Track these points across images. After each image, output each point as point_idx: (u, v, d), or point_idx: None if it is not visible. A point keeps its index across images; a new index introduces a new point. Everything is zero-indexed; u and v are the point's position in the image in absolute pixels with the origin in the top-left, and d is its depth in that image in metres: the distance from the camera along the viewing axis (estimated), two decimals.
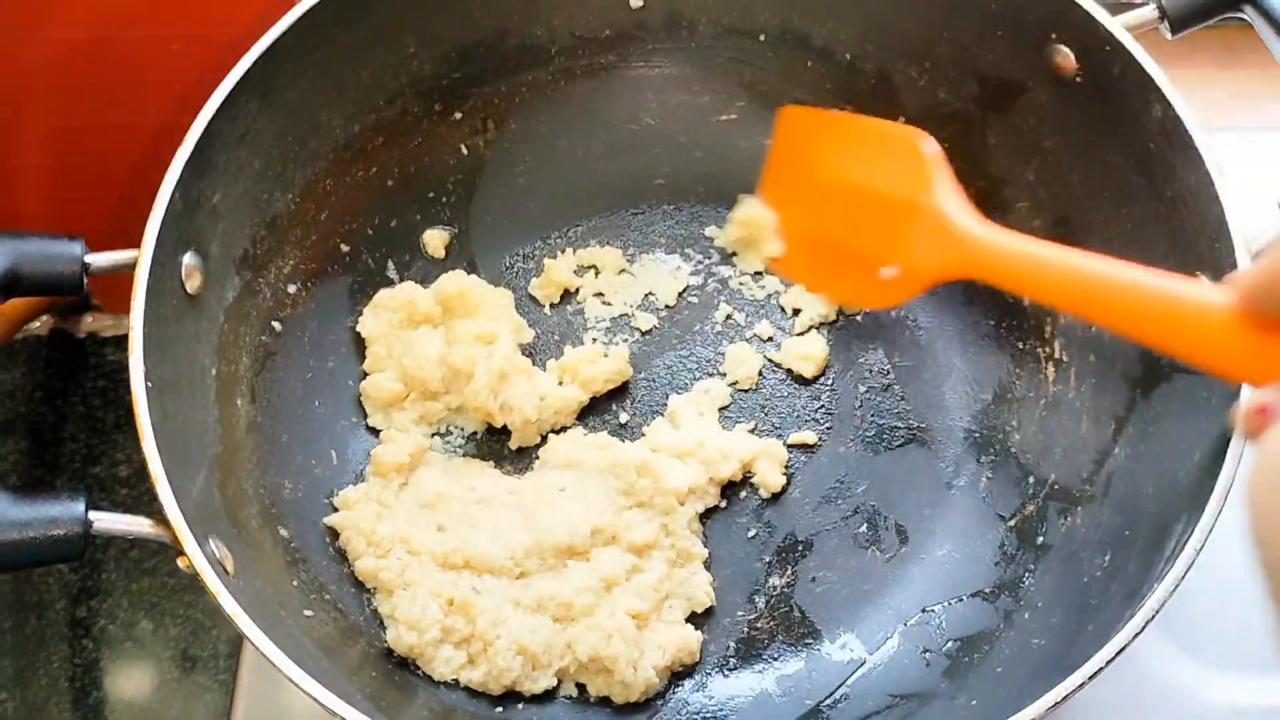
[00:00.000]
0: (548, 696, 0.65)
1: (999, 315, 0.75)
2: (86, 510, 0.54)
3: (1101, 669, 0.51)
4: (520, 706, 0.65)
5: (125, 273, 0.61)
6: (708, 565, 0.69)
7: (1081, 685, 0.50)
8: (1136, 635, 0.51)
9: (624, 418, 0.75)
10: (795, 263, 0.73)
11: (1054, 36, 0.67)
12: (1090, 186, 0.69)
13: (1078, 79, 0.67)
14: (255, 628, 0.52)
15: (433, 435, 0.73)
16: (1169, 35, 0.66)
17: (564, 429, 0.73)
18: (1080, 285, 0.50)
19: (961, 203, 0.62)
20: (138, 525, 0.54)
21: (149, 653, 1.00)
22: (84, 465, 1.06)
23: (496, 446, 0.73)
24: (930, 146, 0.64)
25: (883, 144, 0.68)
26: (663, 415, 0.74)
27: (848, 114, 0.74)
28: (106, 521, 0.54)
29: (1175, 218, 0.63)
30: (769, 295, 0.78)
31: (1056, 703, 0.50)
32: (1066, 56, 0.67)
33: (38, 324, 1.10)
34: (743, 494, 0.72)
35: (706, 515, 0.71)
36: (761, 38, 0.78)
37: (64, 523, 0.53)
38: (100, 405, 1.08)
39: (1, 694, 0.98)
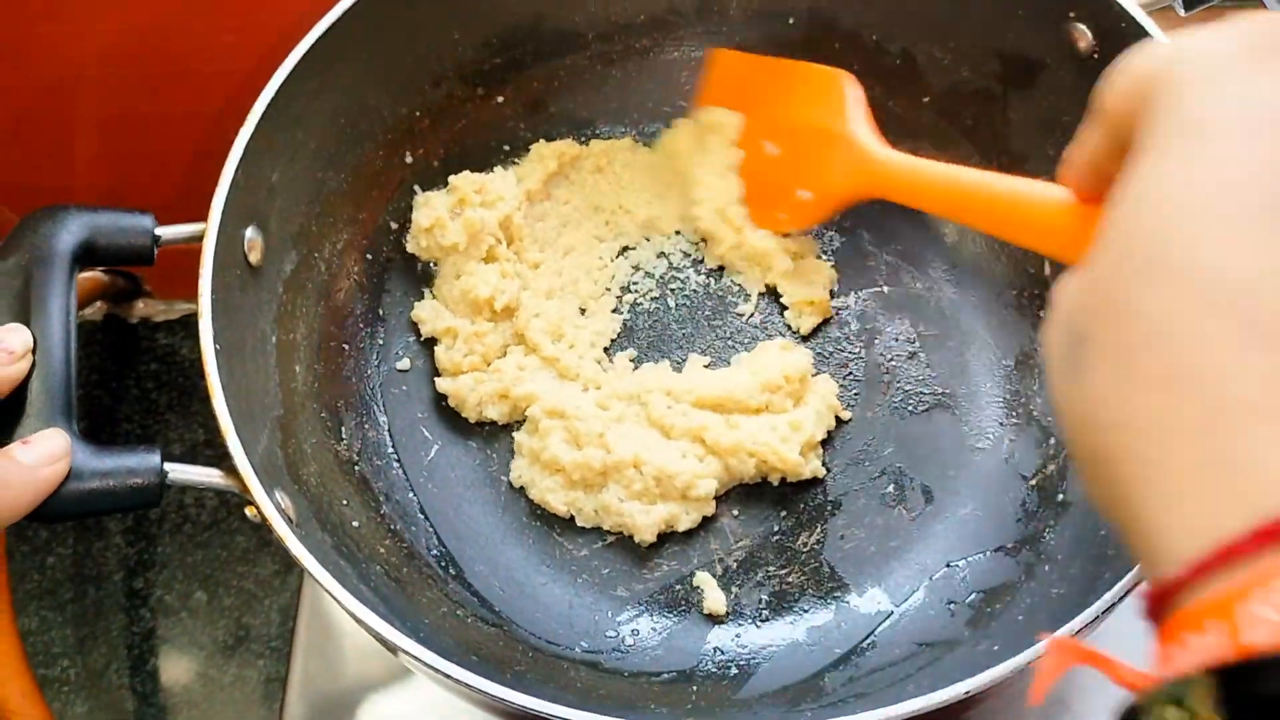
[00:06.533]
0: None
1: (1021, 285, 0.77)
2: (162, 462, 0.57)
3: (1116, 604, 0.53)
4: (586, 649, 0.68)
5: (180, 255, 0.64)
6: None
7: (1097, 619, 0.53)
8: None
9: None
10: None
11: (1071, 15, 0.70)
12: None
13: (1095, 55, 0.70)
14: (319, 567, 0.55)
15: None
16: (1182, 12, 0.69)
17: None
18: (958, 194, 0.59)
19: (870, 130, 0.70)
20: (209, 476, 0.58)
21: (203, 622, 1.04)
22: (138, 444, 1.10)
23: None
24: (849, 81, 0.72)
25: (806, 81, 0.74)
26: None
27: (774, 58, 0.78)
28: (180, 472, 0.58)
29: None
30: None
31: (1072, 635, 0.53)
32: (1083, 34, 0.70)
33: (92, 310, 1.15)
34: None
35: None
36: (790, 20, 0.81)
37: (142, 472, 0.57)
38: (153, 387, 1.13)
39: (64, 661, 1.03)
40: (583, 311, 0.79)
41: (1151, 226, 0.30)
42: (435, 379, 0.76)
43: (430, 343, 0.77)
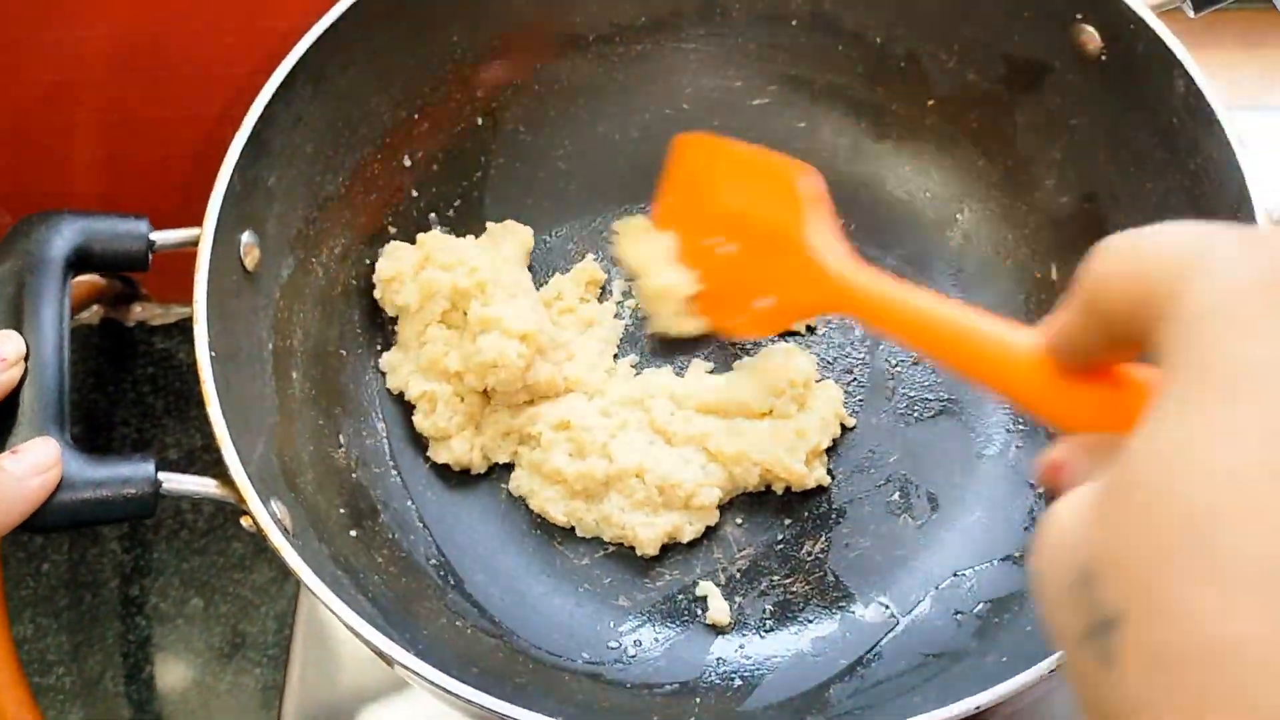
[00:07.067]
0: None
1: (1028, 290, 0.76)
2: (156, 471, 0.57)
3: None
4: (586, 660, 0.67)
5: (177, 258, 0.64)
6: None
7: None
8: None
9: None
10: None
11: (1078, 16, 0.69)
12: (1116, 163, 0.71)
13: (1102, 58, 0.69)
14: (316, 579, 0.54)
15: None
16: (1191, 13, 0.68)
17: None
18: (923, 328, 0.53)
19: (832, 240, 0.64)
20: (204, 486, 0.57)
21: (199, 629, 1.03)
22: (135, 449, 1.09)
23: None
24: (806, 183, 0.66)
25: (765, 176, 0.68)
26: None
27: (736, 144, 0.72)
28: (175, 482, 0.57)
29: (1198, 189, 0.64)
30: None
31: None
32: (1091, 36, 0.69)
33: (88, 313, 1.14)
34: None
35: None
36: (794, 23, 0.80)
37: (135, 482, 0.56)
38: (150, 391, 1.12)
39: (59, 669, 1.02)
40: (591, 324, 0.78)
41: (1182, 505, 0.26)
42: (426, 452, 0.74)
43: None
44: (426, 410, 0.73)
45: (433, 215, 0.79)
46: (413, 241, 0.77)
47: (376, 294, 0.75)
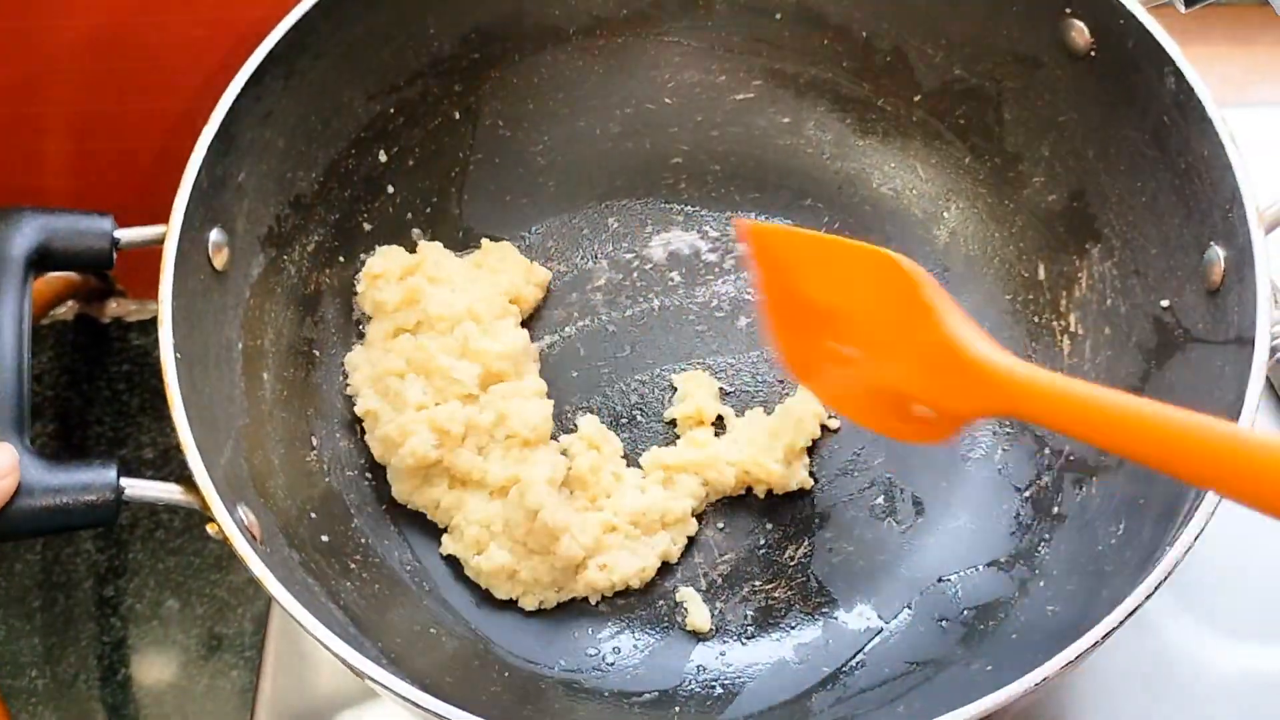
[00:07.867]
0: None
1: (1015, 290, 0.75)
2: (118, 477, 0.55)
3: (1114, 630, 0.51)
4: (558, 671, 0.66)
5: (151, 253, 0.62)
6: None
7: (1095, 645, 0.51)
8: (1149, 597, 0.52)
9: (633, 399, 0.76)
10: (826, 391, 0.67)
11: (1068, 11, 0.68)
12: (1106, 160, 0.69)
13: (1092, 53, 0.68)
14: (283, 589, 0.53)
15: None
16: (1182, 9, 0.67)
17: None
18: (1126, 428, 0.47)
19: (978, 334, 0.56)
20: (168, 492, 0.56)
21: (175, 631, 1.01)
22: (110, 447, 1.07)
23: None
24: (919, 270, 0.58)
25: (865, 269, 0.60)
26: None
27: (817, 236, 0.66)
28: (138, 488, 0.55)
29: (1189, 188, 0.63)
30: None
31: (1068, 663, 0.50)
32: (1081, 31, 0.68)
33: (64, 309, 1.12)
34: None
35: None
36: (778, 16, 0.78)
37: (96, 488, 0.54)
38: (125, 389, 1.10)
39: (32, 671, 1.00)
40: None
41: None
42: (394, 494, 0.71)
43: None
44: (371, 430, 0.71)
45: (409, 214, 0.78)
46: (397, 242, 0.75)
47: (359, 288, 0.74)
